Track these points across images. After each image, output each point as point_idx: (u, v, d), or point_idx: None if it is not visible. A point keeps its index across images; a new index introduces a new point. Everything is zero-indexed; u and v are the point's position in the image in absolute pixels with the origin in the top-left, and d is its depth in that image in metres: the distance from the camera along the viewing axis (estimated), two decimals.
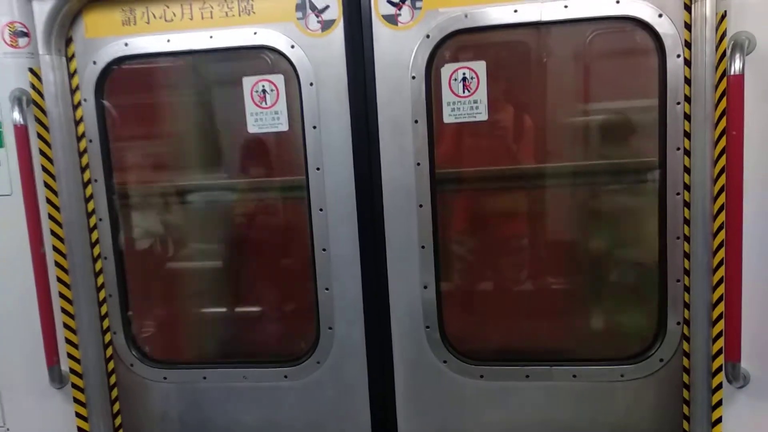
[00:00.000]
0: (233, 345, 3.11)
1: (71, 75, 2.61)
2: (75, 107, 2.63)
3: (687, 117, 2.31)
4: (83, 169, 2.67)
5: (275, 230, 3.12)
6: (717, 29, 2.17)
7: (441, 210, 2.56)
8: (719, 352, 2.30)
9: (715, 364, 2.32)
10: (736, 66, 2.09)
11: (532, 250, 2.95)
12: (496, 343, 2.84)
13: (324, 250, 2.59)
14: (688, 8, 2.25)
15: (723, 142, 2.20)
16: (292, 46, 2.48)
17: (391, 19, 2.43)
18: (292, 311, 3.08)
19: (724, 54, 2.16)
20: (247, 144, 2.92)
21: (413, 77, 2.44)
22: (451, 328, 2.62)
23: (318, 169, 2.54)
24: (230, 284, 3.23)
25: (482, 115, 2.47)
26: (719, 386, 2.32)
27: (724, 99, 2.17)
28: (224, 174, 3.04)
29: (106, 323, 2.77)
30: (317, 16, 2.46)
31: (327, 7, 2.45)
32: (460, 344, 2.63)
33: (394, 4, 2.42)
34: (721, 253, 2.26)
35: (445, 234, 2.71)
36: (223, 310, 3.20)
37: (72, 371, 2.70)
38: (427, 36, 2.41)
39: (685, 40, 2.27)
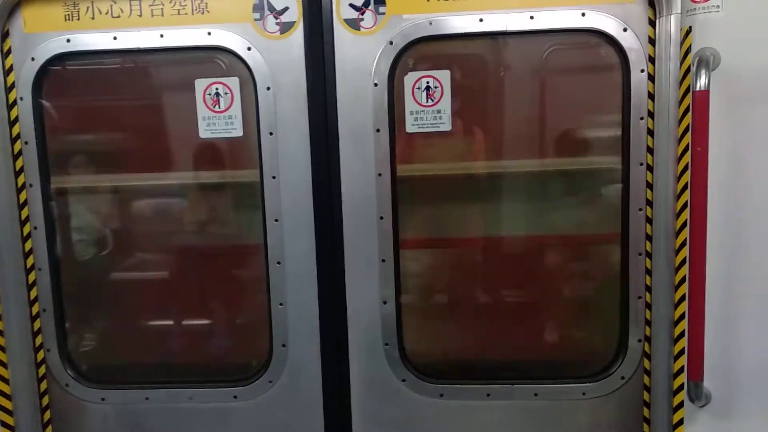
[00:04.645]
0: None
1: (6, 72, 2.42)
2: (10, 106, 2.44)
3: (650, 132, 2.30)
4: (17, 173, 2.47)
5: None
6: (681, 45, 2.16)
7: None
8: (680, 370, 2.28)
9: (677, 383, 2.30)
10: (702, 82, 2.09)
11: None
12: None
13: (279, 263, 2.47)
14: (652, 23, 2.25)
15: (686, 158, 2.19)
16: (249, 48, 2.37)
17: (353, 24, 2.34)
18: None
19: (688, 70, 2.16)
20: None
21: (375, 84, 2.36)
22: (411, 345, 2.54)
23: (273, 177, 2.42)
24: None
25: (446, 125, 2.41)
26: (680, 405, 2.30)
27: (688, 115, 2.17)
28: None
29: (39, 340, 2.57)
30: (276, 18, 2.35)
31: (286, 8, 2.34)
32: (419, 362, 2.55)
33: (356, 9, 2.33)
34: (683, 270, 2.24)
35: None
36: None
37: (0, 392, 2.49)
38: (391, 42, 2.34)
39: (650, 55, 2.27)
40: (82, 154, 2.72)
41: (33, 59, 2.42)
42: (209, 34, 2.38)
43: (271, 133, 2.40)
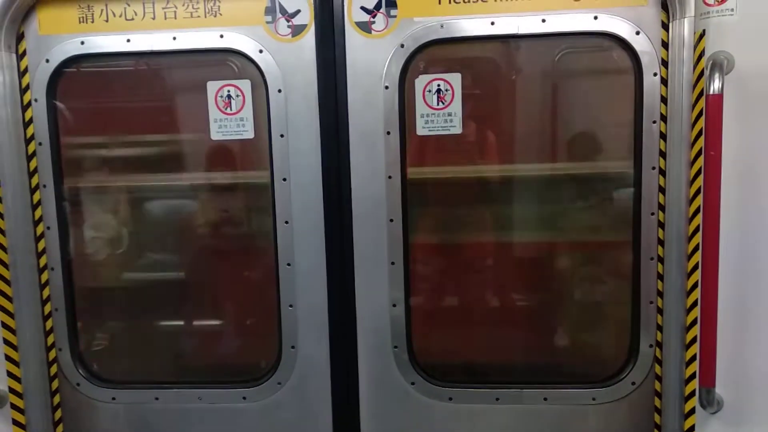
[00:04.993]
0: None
1: (22, 73, 2.45)
2: (24, 108, 2.46)
3: (663, 136, 2.28)
4: (31, 174, 2.49)
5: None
6: (695, 48, 2.15)
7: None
8: (692, 376, 2.26)
9: (688, 389, 2.27)
10: (716, 85, 2.07)
11: None
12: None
13: (289, 264, 2.47)
14: (665, 27, 2.23)
15: (699, 162, 2.17)
16: (261, 51, 2.38)
17: (365, 27, 2.35)
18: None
19: (701, 73, 2.14)
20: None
21: (386, 87, 2.36)
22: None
23: (284, 179, 2.43)
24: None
25: (456, 128, 2.41)
26: (692, 411, 2.28)
27: (701, 119, 2.15)
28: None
29: (51, 339, 2.59)
30: (287, 21, 2.36)
31: (298, 11, 2.35)
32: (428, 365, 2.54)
33: (368, 12, 2.34)
34: (696, 275, 2.22)
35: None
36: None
37: (11, 390, 2.51)
38: (402, 45, 2.34)
39: (662, 59, 2.25)
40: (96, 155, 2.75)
41: (47, 61, 2.44)
42: (221, 36, 2.39)
43: (282, 136, 2.41)
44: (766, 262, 2.25)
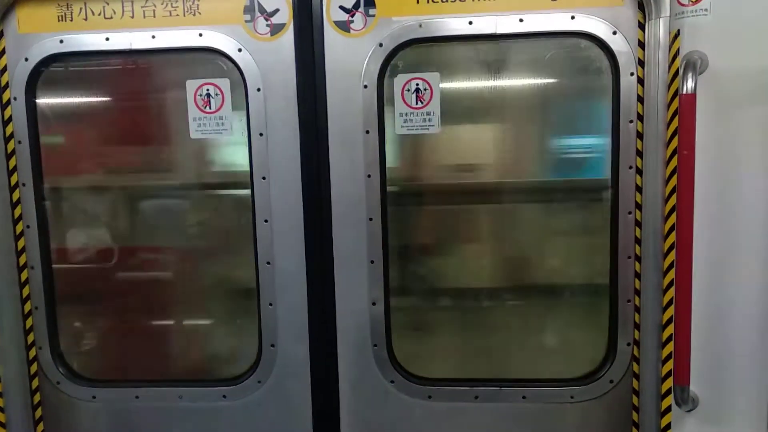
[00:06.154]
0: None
1: (0, 72, 2.45)
2: (3, 106, 2.46)
3: (639, 135, 2.30)
4: (10, 172, 2.49)
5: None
6: (670, 48, 2.16)
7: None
8: (668, 374, 2.27)
9: (665, 387, 2.28)
10: (689, 85, 2.08)
11: None
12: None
13: (268, 263, 2.48)
14: (642, 27, 2.25)
15: (675, 162, 2.18)
16: (240, 50, 2.38)
17: (343, 26, 2.35)
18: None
19: (677, 73, 2.15)
20: None
21: (365, 86, 2.36)
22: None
23: (264, 178, 2.43)
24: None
25: (435, 128, 2.41)
26: (668, 409, 2.29)
27: (676, 118, 2.16)
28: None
29: (31, 338, 2.59)
30: (266, 20, 2.36)
31: (277, 10, 2.36)
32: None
33: (346, 11, 2.34)
34: (672, 273, 2.23)
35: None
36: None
37: None
38: (380, 45, 2.35)
39: (639, 59, 2.26)
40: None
41: (26, 59, 2.44)
42: (200, 35, 2.39)
43: (261, 134, 2.41)
44: (739, 260, 2.26)
